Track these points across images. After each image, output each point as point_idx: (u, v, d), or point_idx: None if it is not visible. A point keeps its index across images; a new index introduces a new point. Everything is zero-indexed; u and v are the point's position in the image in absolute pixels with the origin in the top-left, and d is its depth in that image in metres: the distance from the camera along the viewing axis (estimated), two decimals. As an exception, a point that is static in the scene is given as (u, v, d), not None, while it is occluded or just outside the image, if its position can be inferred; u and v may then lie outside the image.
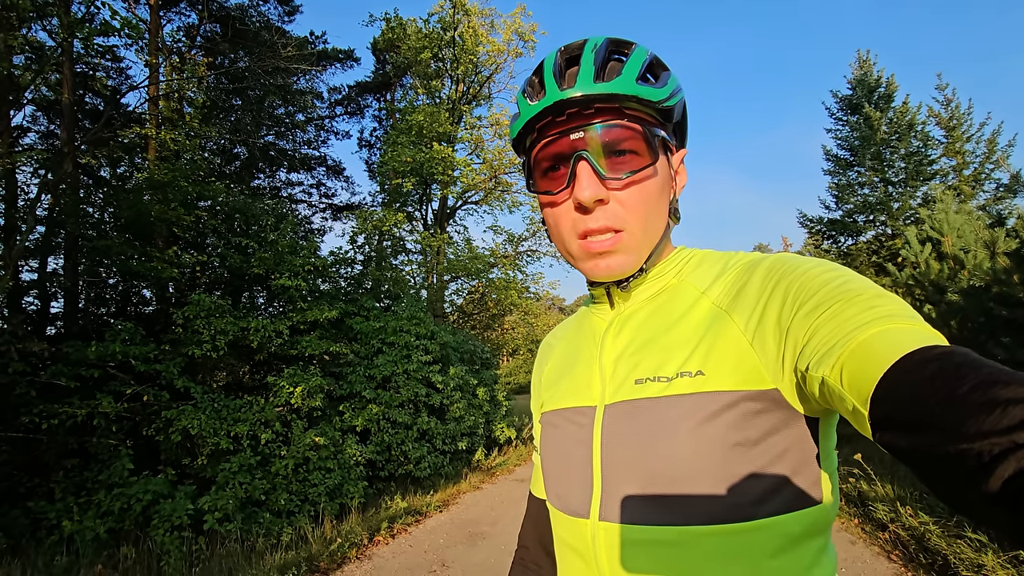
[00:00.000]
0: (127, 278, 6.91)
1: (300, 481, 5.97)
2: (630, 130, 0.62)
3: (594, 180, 0.61)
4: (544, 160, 0.66)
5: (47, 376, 4.94)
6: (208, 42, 11.00)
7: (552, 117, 0.63)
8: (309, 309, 6.92)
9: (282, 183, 14.86)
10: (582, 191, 0.61)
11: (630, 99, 0.62)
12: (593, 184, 0.61)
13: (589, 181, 0.61)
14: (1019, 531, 0.32)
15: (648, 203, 0.64)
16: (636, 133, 0.62)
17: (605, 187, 0.62)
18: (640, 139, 0.63)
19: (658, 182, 0.65)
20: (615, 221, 0.62)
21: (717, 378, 0.58)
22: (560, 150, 0.64)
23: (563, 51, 0.66)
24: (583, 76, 0.61)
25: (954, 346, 0.42)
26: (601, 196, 0.61)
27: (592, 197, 0.61)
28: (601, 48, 0.64)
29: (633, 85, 0.62)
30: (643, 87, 0.62)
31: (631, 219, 0.63)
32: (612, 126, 0.62)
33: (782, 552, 0.55)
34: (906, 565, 4.39)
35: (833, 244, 17.44)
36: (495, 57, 13.79)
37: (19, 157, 6.59)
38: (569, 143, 0.62)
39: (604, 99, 0.61)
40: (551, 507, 0.73)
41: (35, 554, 4.37)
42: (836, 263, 0.59)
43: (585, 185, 0.61)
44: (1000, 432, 0.32)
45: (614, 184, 0.62)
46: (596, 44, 0.64)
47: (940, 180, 15.05)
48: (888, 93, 15.78)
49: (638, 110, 0.64)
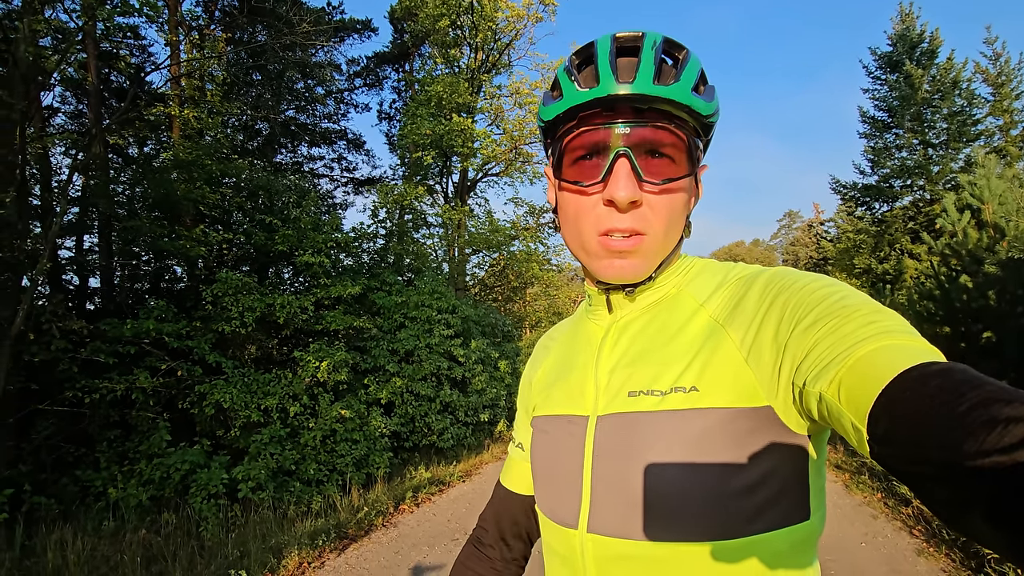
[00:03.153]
0: (158, 256, 7.13)
1: (328, 452, 6.21)
2: (675, 136, 0.61)
3: (632, 180, 0.60)
4: (579, 148, 0.64)
5: (87, 353, 5.19)
6: (226, 16, 10.95)
7: (600, 108, 0.61)
8: (333, 285, 7.05)
9: (304, 158, 14.94)
10: (618, 190, 0.59)
11: (684, 108, 0.60)
12: (631, 184, 0.59)
13: (627, 181, 0.59)
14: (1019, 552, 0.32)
15: (674, 212, 0.63)
16: (680, 141, 0.61)
17: (641, 189, 0.61)
18: (682, 148, 0.62)
19: (686, 193, 0.65)
20: (641, 224, 0.61)
21: (711, 395, 0.58)
22: (599, 140, 0.62)
23: (618, 39, 0.63)
24: (642, 74, 0.59)
25: (953, 363, 0.41)
26: (636, 198, 0.60)
27: (628, 198, 0.59)
28: (659, 46, 0.62)
29: (689, 95, 0.60)
30: (697, 99, 0.61)
31: (656, 225, 0.62)
32: (660, 129, 0.61)
33: (770, 569, 0.56)
34: (928, 541, 4.37)
35: (867, 211, 16.81)
36: (514, 23, 13.42)
37: (50, 140, 6.76)
38: (613, 136, 0.61)
39: (660, 102, 0.60)
40: (540, 513, 0.73)
41: (84, 519, 4.68)
42: (834, 278, 0.58)
43: (623, 184, 0.59)
44: (1001, 451, 0.32)
45: (650, 188, 0.61)
46: (656, 41, 0.61)
47: (985, 141, 14.26)
48: (932, 49, 14.86)
49: (685, 120, 0.62)
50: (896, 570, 3.89)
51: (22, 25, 5.04)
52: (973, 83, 14.26)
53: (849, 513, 5.23)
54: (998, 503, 0.32)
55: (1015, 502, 0.31)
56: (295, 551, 4.33)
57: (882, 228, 15.56)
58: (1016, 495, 0.31)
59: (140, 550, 4.27)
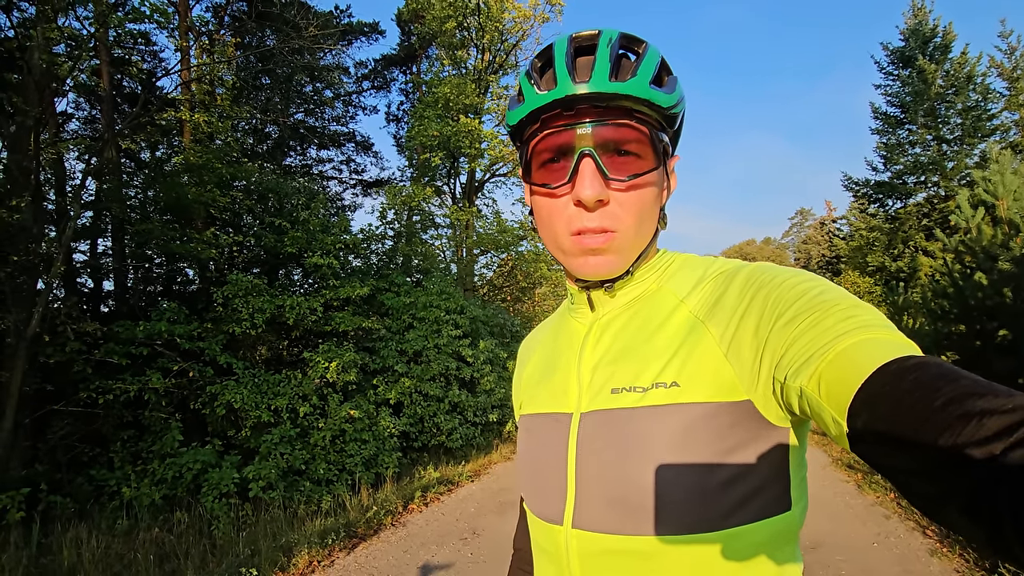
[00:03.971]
0: (170, 259, 7.22)
1: (338, 452, 6.25)
2: (638, 132, 0.61)
3: (597, 179, 0.60)
4: (544, 151, 0.64)
5: (101, 354, 5.27)
6: (235, 21, 11.08)
7: (560, 110, 0.62)
8: (341, 286, 7.10)
9: (313, 160, 15.07)
10: (584, 190, 0.60)
11: (642, 102, 0.61)
12: (596, 183, 0.60)
13: (592, 180, 0.60)
14: (997, 545, 0.32)
15: (644, 207, 0.63)
16: (643, 136, 0.62)
17: (607, 187, 0.61)
18: (646, 143, 0.62)
19: (656, 187, 0.65)
20: (611, 222, 0.62)
21: (691, 390, 0.58)
22: (563, 142, 0.62)
23: (574, 39, 0.64)
24: (598, 72, 0.60)
25: (928, 356, 0.42)
26: (603, 197, 0.60)
27: (594, 197, 0.60)
28: (615, 43, 0.62)
29: (647, 88, 0.60)
30: (656, 92, 0.61)
31: (626, 221, 0.62)
32: (621, 127, 0.61)
33: (752, 559, 0.57)
34: (941, 541, 4.31)
35: (880, 208, 16.61)
36: (521, 24, 13.43)
37: (64, 146, 6.88)
38: (575, 137, 0.61)
39: (617, 98, 0.60)
40: (528, 510, 0.74)
41: (99, 517, 4.75)
42: (814, 273, 0.58)
43: (588, 184, 0.60)
44: (977, 444, 0.32)
45: (616, 185, 0.61)
46: (611, 38, 0.62)
47: (1000, 136, 14.04)
48: (945, 43, 14.65)
49: (646, 114, 0.62)
50: (909, 570, 3.84)
51: (36, 33, 5.14)
52: (988, 77, 14.06)
53: (861, 513, 5.17)
54: (975, 496, 0.32)
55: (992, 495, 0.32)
56: (305, 550, 4.36)
57: (895, 225, 15.37)
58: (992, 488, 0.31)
59: (153, 548, 4.33)
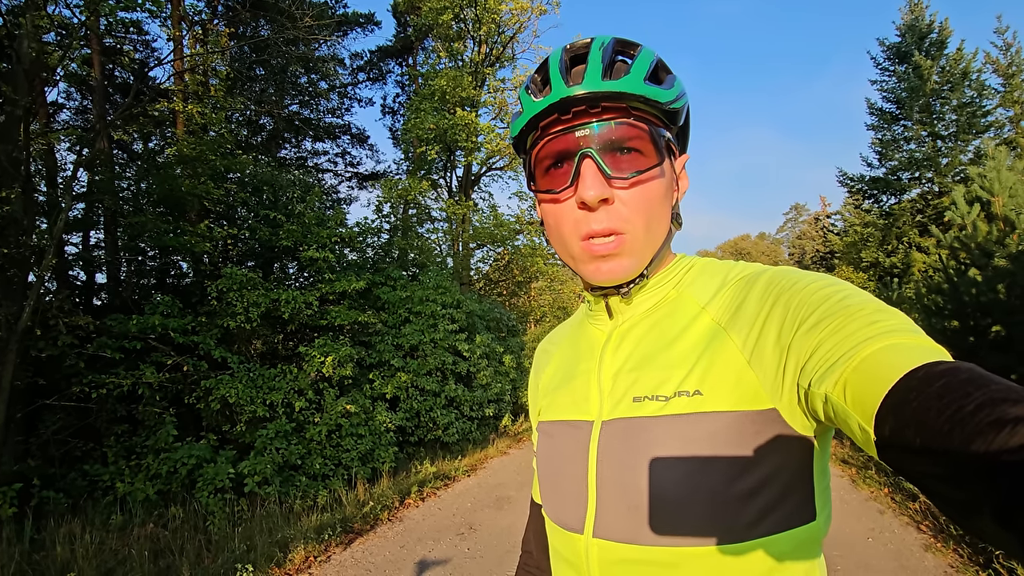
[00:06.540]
0: (163, 252, 7.15)
1: (333, 447, 6.23)
2: (637, 129, 0.61)
3: (599, 179, 0.59)
4: (546, 158, 0.64)
5: (94, 348, 5.21)
6: (229, 11, 10.93)
7: (557, 115, 0.62)
8: (337, 280, 7.05)
9: (308, 153, 14.95)
10: (586, 190, 0.59)
11: (637, 98, 0.60)
12: (598, 183, 0.59)
13: (594, 180, 0.59)
14: None
15: (652, 205, 0.62)
16: (642, 132, 0.61)
17: (610, 186, 0.60)
18: (647, 139, 0.61)
19: (662, 184, 0.64)
20: (618, 223, 0.61)
21: (714, 398, 0.57)
22: (564, 147, 0.62)
23: (568, 49, 0.64)
24: (591, 74, 0.60)
25: (959, 362, 0.41)
26: (606, 195, 0.59)
27: (597, 196, 0.59)
28: (608, 47, 0.62)
29: (641, 84, 0.60)
30: (651, 87, 0.61)
31: (634, 220, 0.61)
32: (619, 124, 0.60)
33: (774, 571, 0.56)
34: (935, 536, 4.35)
35: (875, 204, 16.68)
36: (518, 15, 13.34)
37: (55, 136, 6.77)
38: (574, 140, 0.61)
39: (612, 97, 0.60)
40: (546, 518, 0.73)
41: (93, 513, 4.71)
42: (835, 277, 0.57)
43: (590, 184, 0.59)
44: (1010, 451, 0.32)
45: (619, 183, 0.61)
46: (603, 43, 0.63)
47: (995, 132, 14.10)
48: (941, 39, 14.68)
49: (645, 110, 0.62)
50: (903, 565, 3.87)
51: (25, 21, 5.03)
52: (983, 74, 14.09)
53: (856, 508, 5.21)
54: (1007, 503, 0.32)
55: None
56: (301, 545, 4.35)
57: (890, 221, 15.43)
58: None
59: (148, 544, 4.30)
